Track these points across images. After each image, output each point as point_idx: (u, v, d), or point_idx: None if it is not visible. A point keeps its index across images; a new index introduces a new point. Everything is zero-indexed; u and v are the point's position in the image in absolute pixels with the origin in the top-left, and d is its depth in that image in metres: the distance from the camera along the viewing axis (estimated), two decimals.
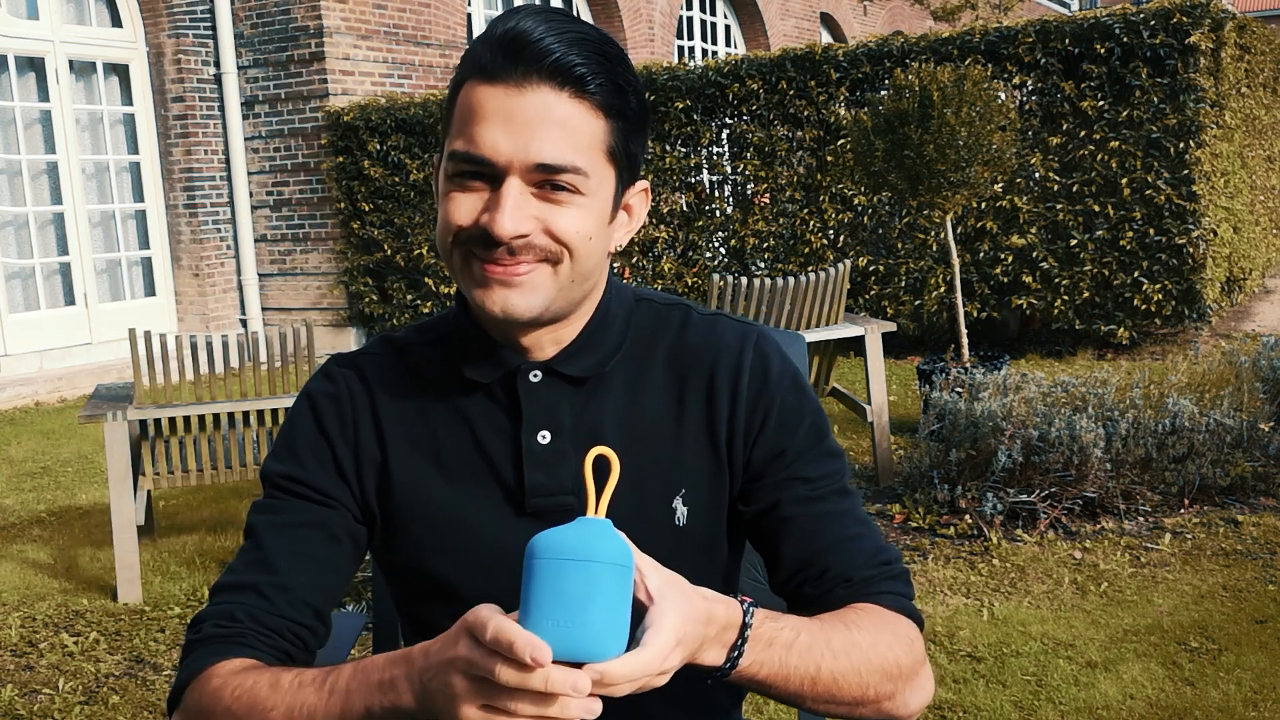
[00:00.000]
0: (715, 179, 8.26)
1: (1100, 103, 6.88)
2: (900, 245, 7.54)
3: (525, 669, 0.80)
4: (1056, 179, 7.05)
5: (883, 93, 6.25)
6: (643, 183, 1.15)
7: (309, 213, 9.14)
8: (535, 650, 0.80)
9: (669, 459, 1.16)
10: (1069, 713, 2.75)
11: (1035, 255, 7.09)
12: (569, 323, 1.14)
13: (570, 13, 1.07)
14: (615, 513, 1.13)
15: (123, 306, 8.87)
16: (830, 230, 7.77)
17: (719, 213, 8.15)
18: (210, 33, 9.00)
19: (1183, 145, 6.69)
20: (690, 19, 13.64)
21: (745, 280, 4.51)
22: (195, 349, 3.96)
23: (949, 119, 4.89)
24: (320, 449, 1.17)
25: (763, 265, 8.02)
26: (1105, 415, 4.07)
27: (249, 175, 9.24)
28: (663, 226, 8.18)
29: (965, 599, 3.47)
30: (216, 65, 9.05)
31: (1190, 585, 3.49)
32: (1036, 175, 7.11)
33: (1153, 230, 6.81)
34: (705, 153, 8.16)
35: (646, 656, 0.85)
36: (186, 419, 3.93)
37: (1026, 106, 7.16)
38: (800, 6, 14.89)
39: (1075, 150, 7.00)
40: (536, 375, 1.14)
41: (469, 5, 10.36)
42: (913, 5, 15.22)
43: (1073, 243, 7.00)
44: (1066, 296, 7.06)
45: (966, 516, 4.05)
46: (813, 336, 4.53)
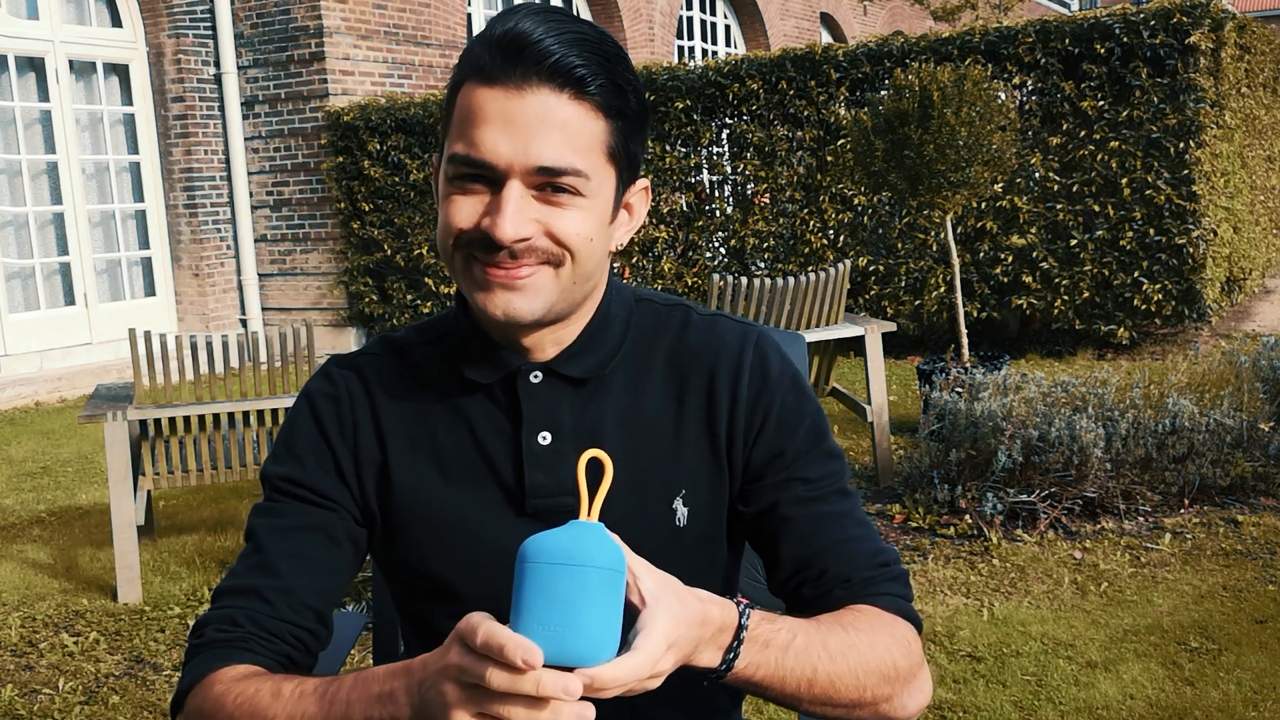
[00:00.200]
0: (715, 179, 8.25)
1: (1100, 103, 6.88)
2: (900, 245, 7.54)
3: (516, 672, 0.80)
4: (1056, 179, 7.05)
5: (883, 93, 6.25)
6: (643, 181, 1.14)
7: (309, 213, 9.14)
8: (526, 653, 0.79)
9: (669, 459, 1.16)
10: (1069, 713, 2.75)
11: (1035, 255, 7.09)
12: (569, 323, 1.14)
13: (570, 12, 1.06)
14: (615, 513, 1.13)
15: (123, 306, 8.87)
16: (830, 230, 7.77)
17: (719, 213, 8.15)
18: (210, 33, 9.00)
19: (1183, 145, 6.69)
20: (690, 19, 13.64)
21: (745, 280, 4.51)
22: (195, 349, 3.96)
23: (949, 119, 4.89)
24: (320, 450, 1.17)
25: (763, 265, 8.02)
26: (1105, 415, 4.07)
27: (249, 175, 9.24)
28: (663, 226, 8.18)
29: (965, 599, 3.47)
30: (216, 65, 9.05)
31: (1190, 585, 3.49)
32: (1036, 175, 7.11)
33: (1153, 230, 6.81)
34: (705, 153, 8.16)
35: (637, 661, 0.84)
36: (186, 419, 3.93)
37: (1026, 106, 7.16)
38: (800, 6, 14.89)
39: (1075, 150, 7.00)
40: (537, 376, 1.14)
41: (469, 5, 10.36)
42: (913, 5, 15.22)
43: (1073, 243, 7.00)
44: (1066, 296, 7.06)
45: (966, 516, 4.05)
46: (813, 336, 4.53)
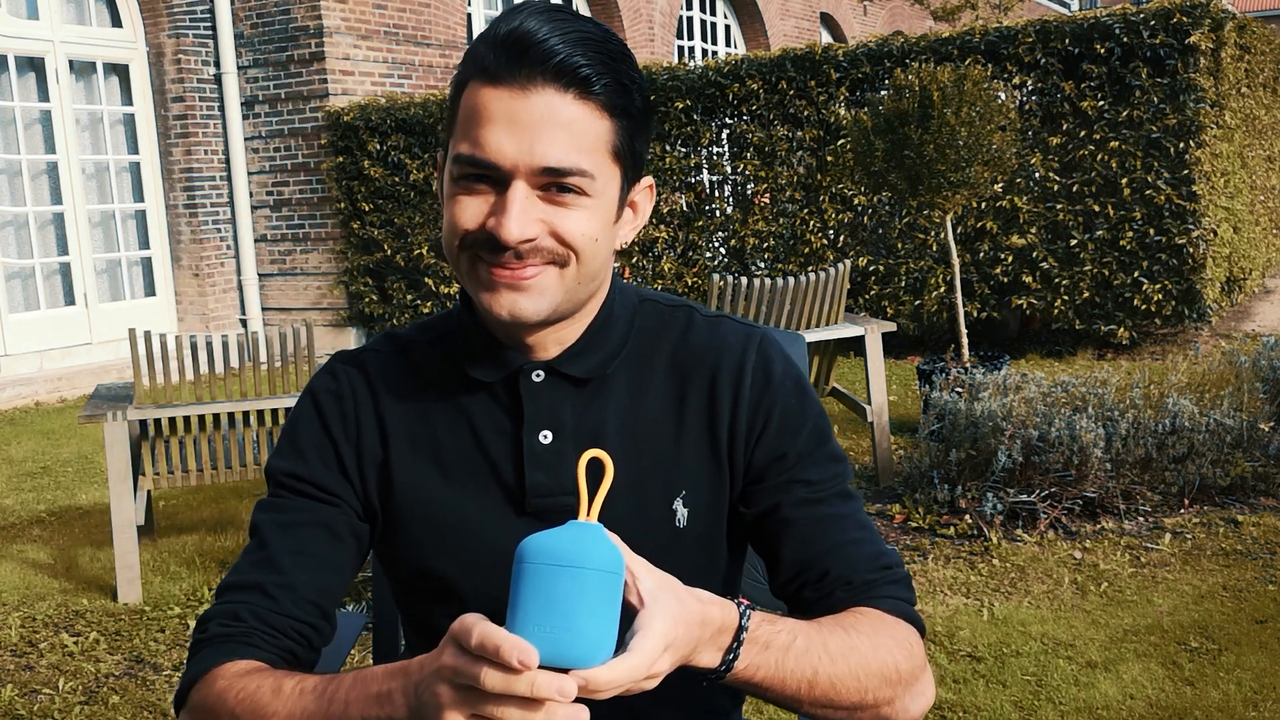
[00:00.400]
0: (715, 179, 8.25)
1: (1100, 103, 6.87)
2: (900, 245, 7.54)
3: (511, 673, 0.79)
4: (1056, 179, 7.05)
5: (883, 93, 6.25)
6: (648, 179, 1.14)
7: (309, 213, 9.14)
8: (522, 653, 0.79)
9: (669, 460, 1.15)
10: (1069, 713, 2.75)
11: (1035, 255, 7.09)
12: (573, 322, 1.14)
13: (574, 11, 1.06)
14: (615, 513, 1.13)
15: (123, 306, 8.87)
16: (830, 230, 7.77)
17: (719, 213, 8.15)
18: (210, 33, 9.00)
19: (1183, 145, 6.69)
20: (690, 19, 13.64)
21: (745, 280, 4.51)
22: (195, 349, 3.96)
23: (949, 119, 4.89)
24: (323, 446, 1.17)
25: (763, 265, 8.02)
26: (1105, 415, 4.07)
27: (249, 175, 9.24)
28: (663, 226, 8.18)
29: (965, 599, 3.47)
30: (216, 65, 9.05)
31: (1190, 585, 3.49)
32: (1036, 175, 7.11)
33: (1153, 230, 6.81)
34: (705, 153, 8.16)
35: (632, 663, 0.84)
36: (186, 419, 3.93)
37: (1026, 106, 7.16)
38: (800, 6, 14.89)
39: (1075, 150, 7.00)
40: (539, 375, 1.14)
41: (469, 5, 10.36)
42: (913, 5, 15.22)
43: (1073, 243, 7.00)
44: (1066, 296, 7.06)
45: (966, 516, 4.05)
46: (813, 336, 4.53)
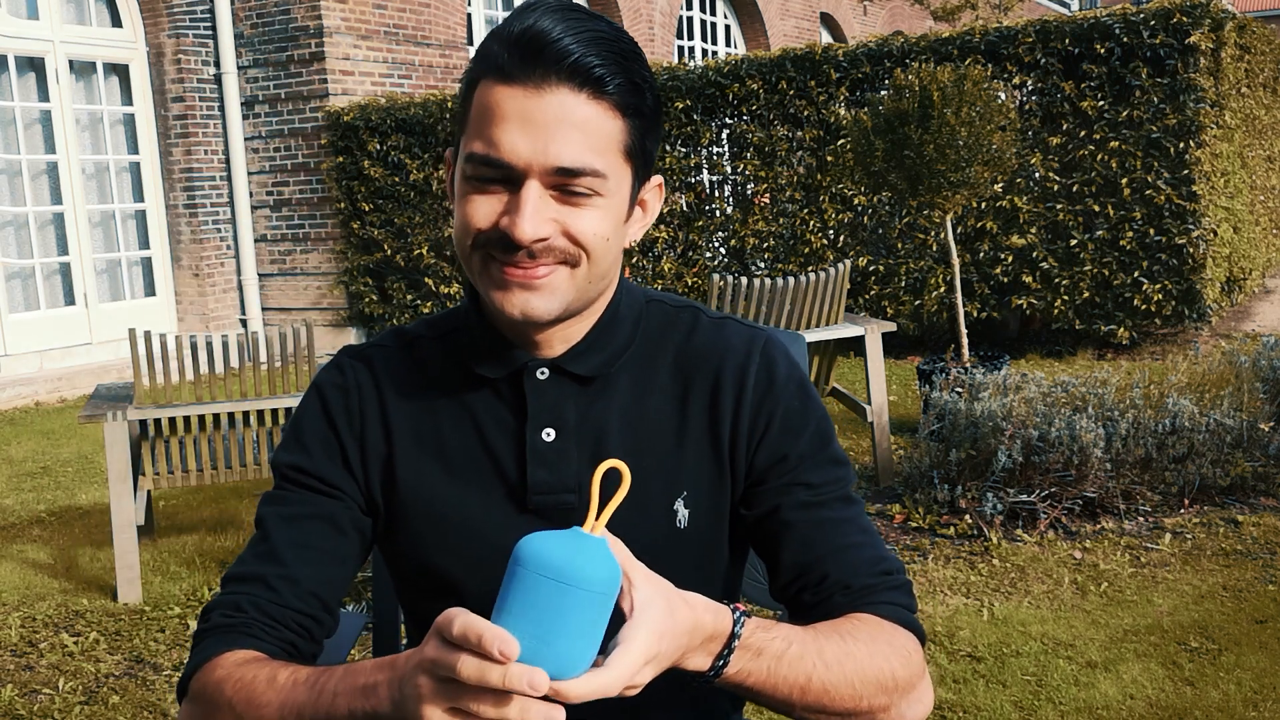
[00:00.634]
0: (715, 179, 8.25)
1: (1100, 103, 6.87)
2: (900, 245, 7.54)
3: (485, 661, 0.79)
4: (1056, 179, 7.05)
5: (883, 93, 6.24)
6: (657, 178, 1.15)
7: (309, 213, 9.14)
8: (503, 644, 0.79)
9: (672, 460, 1.16)
10: (1069, 713, 2.75)
11: (1035, 255, 7.09)
12: (579, 320, 1.14)
13: (585, 8, 1.06)
14: (616, 513, 1.13)
15: (123, 306, 8.87)
16: (830, 230, 7.77)
17: (719, 213, 8.15)
18: (210, 33, 9.00)
19: (1183, 145, 6.69)
20: (690, 19, 13.64)
21: (745, 280, 4.51)
22: (195, 349, 3.96)
23: (949, 119, 4.89)
24: (327, 440, 1.17)
25: (763, 265, 8.02)
26: (1105, 415, 4.07)
27: (249, 175, 9.24)
28: (663, 226, 8.18)
29: (965, 599, 3.47)
30: (216, 65, 9.05)
31: (1190, 585, 3.49)
32: (1036, 175, 7.11)
33: (1153, 230, 6.81)
34: (705, 153, 8.16)
35: (606, 679, 0.83)
36: (186, 419, 3.93)
37: (1026, 106, 7.16)
38: (800, 6, 14.89)
39: (1075, 150, 7.00)
40: (544, 372, 1.14)
41: (469, 5, 10.36)
42: (913, 5, 15.22)
43: (1073, 243, 7.00)
44: (1066, 296, 7.06)
45: (966, 516, 4.05)
46: (813, 336, 4.53)
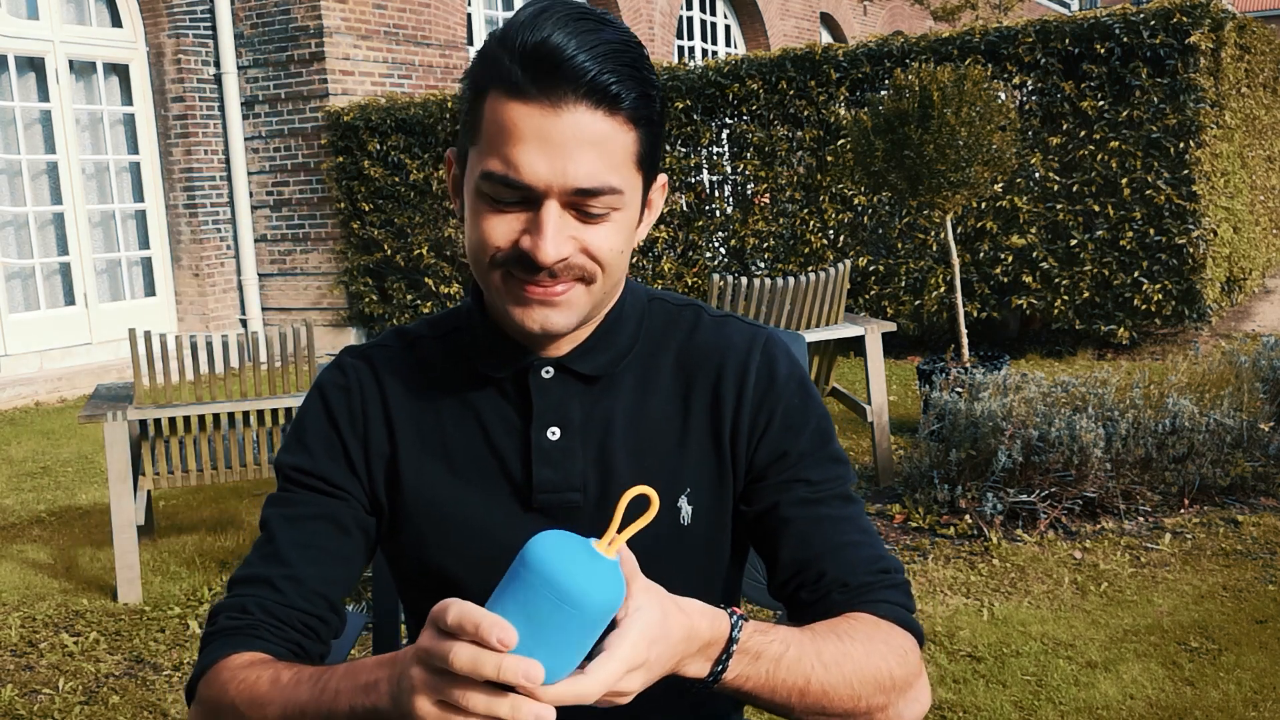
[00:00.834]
0: (715, 179, 8.25)
1: (1100, 103, 6.87)
2: (900, 245, 7.54)
3: (480, 651, 0.78)
4: (1056, 179, 7.05)
5: (883, 93, 6.24)
6: (662, 176, 1.15)
7: (309, 213, 9.14)
8: (502, 632, 0.78)
9: (675, 458, 1.16)
10: (1069, 713, 2.75)
11: (1035, 255, 7.09)
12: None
13: (589, 9, 1.04)
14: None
15: (123, 306, 8.87)
16: (830, 230, 7.77)
17: (719, 213, 8.15)
18: (210, 33, 9.00)
19: (1183, 145, 6.69)
20: (690, 19, 13.64)
21: (745, 280, 4.51)
22: (195, 349, 3.96)
23: (949, 119, 4.89)
24: (330, 441, 1.17)
25: (763, 265, 8.02)
26: (1105, 415, 4.07)
27: (249, 175, 9.24)
28: (663, 226, 8.18)
29: (965, 599, 3.47)
30: (216, 65, 9.05)
31: (1190, 585, 3.49)
32: (1036, 175, 7.11)
33: (1153, 230, 6.81)
34: (705, 153, 8.16)
35: (584, 686, 0.82)
36: (186, 419, 3.93)
37: (1026, 106, 7.16)
38: (800, 6, 14.89)
39: (1075, 150, 7.00)
40: (549, 371, 1.15)
41: (469, 5, 10.36)
42: (913, 5, 15.22)
43: (1073, 243, 7.00)
44: (1066, 296, 7.06)
45: (966, 516, 4.05)
46: (813, 336, 4.53)
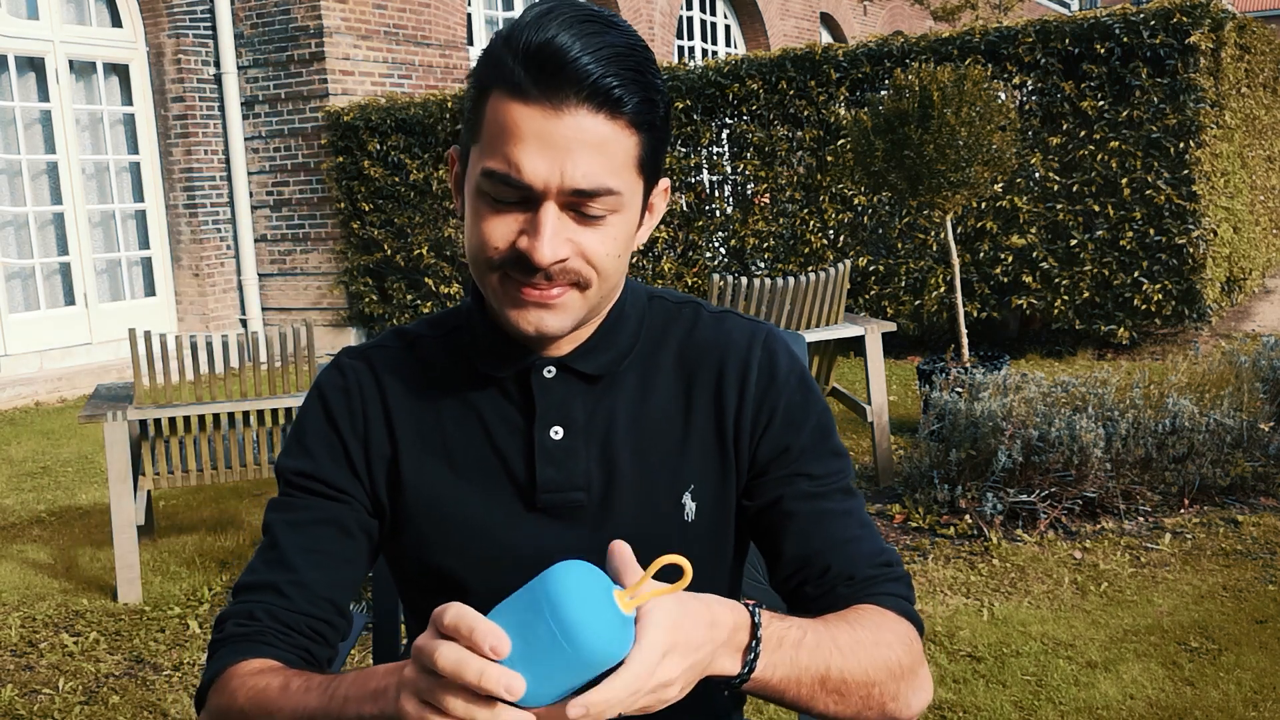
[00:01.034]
0: (715, 179, 8.25)
1: (1100, 103, 6.87)
2: (900, 245, 7.54)
3: (465, 654, 0.79)
4: (1056, 179, 7.05)
5: (883, 93, 6.24)
6: (664, 181, 1.15)
7: (309, 213, 9.14)
8: (495, 640, 0.78)
9: (678, 455, 1.16)
10: (1069, 713, 2.75)
11: (1035, 255, 7.09)
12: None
13: (593, 10, 1.04)
14: (625, 510, 1.14)
15: (123, 306, 8.87)
16: (830, 230, 7.77)
17: (719, 213, 8.15)
18: (210, 33, 9.00)
19: (1183, 145, 6.69)
20: (690, 19, 13.64)
21: (745, 280, 4.51)
22: (195, 349, 3.96)
23: (949, 119, 4.88)
24: (331, 443, 1.17)
25: (763, 265, 8.02)
26: (1105, 415, 4.07)
27: (249, 175, 9.24)
28: (663, 226, 8.18)
29: (965, 599, 3.47)
30: (216, 65, 9.05)
31: (1190, 585, 3.49)
32: (1036, 175, 7.11)
33: (1153, 230, 6.81)
34: (705, 153, 8.16)
35: (627, 678, 0.82)
36: (186, 419, 3.93)
37: (1026, 106, 7.16)
38: (800, 6, 14.89)
39: (1075, 150, 7.00)
40: (551, 371, 1.15)
41: (469, 5, 10.36)
42: (913, 5, 15.22)
43: (1073, 243, 7.00)
44: (1066, 296, 7.06)
45: (966, 516, 4.05)
46: (813, 336, 4.53)
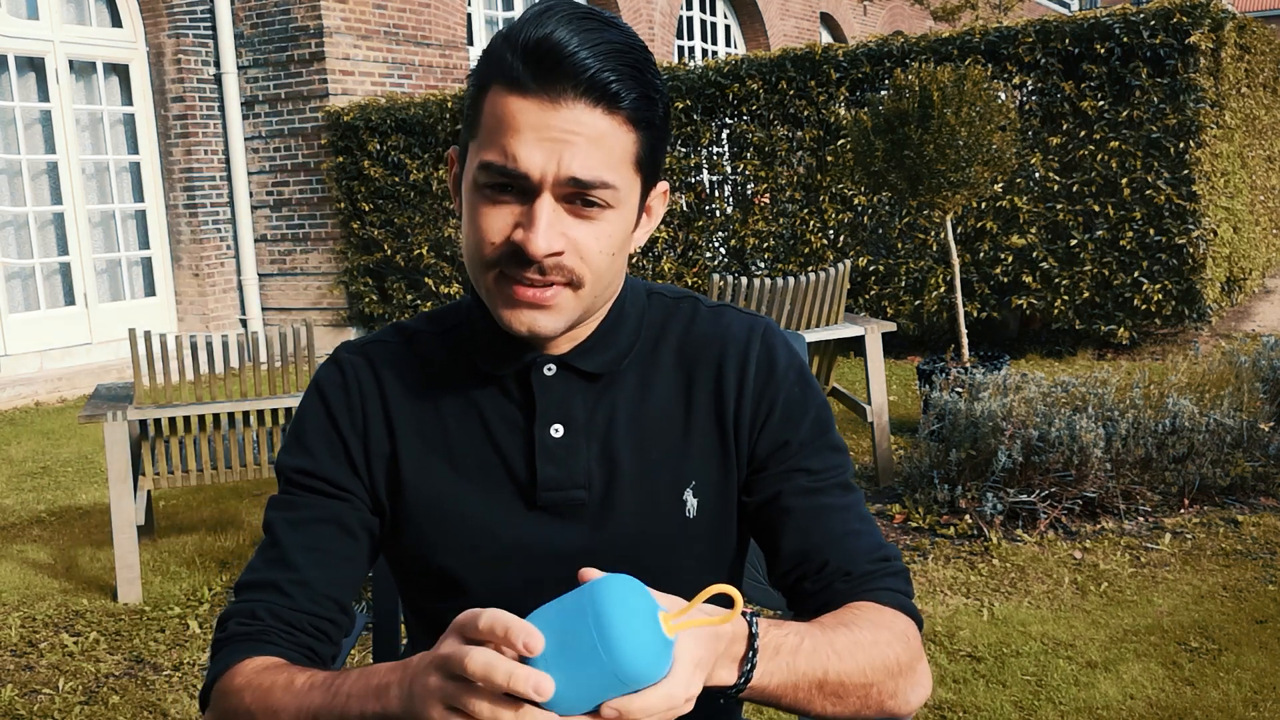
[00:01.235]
0: (715, 179, 8.25)
1: (1100, 103, 6.87)
2: (900, 245, 7.54)
3: (494, 658, 0.79)
4: (1056, 179, 7.05)
5: (883, 93, 6.24)
6: (663, 185, 1.15)
7: (309, 213, 9.14)
8: (529, 638, 0.78)
9: (679, 451, 1.16)
10: (1069, 713, 2.75)
11: (1035, 255, 7.09)
12: (585, 322, 1.15)
13: (594, 9, 1.05)
14: (626, 507, 1.14)
15: (123, 306, 8.87)
16: (830, 230, 7.77)
17: (719, 213, 8.15)
18: (210, 33, 9.00)
19: (1183, 145, 6.69)
20: (690, 19, 13.64)
21: (745, 280, 4.51)
22: (195, 349, 3.96)
23: (949, 119, 4.88)
24: (330, 440, 1.17)
25: (763, 265, 8.02)
26: (1105, 415, 4.07)
27: (249, 175, 9.24)
28: (663, 226, 8.18)
29: (965, 599, 3.47)
30: (216, 65, 9.05)
31: (1190, 585, 3.49)
32: (1036, 175, 7.11)
33: (1153, 230, 6.81)
34: (705, 153, 8.16)
35: (669, 688, 0.83)
36: (186, 419, 3.93)
37: (1026, 106, 7.16)
38: (800, 6, 14.89)
39: (1075, 150, 7.00)
40: (551, 369, 1.15)
41: (469, 5, 10.36)
42: (913, 5, 15.22)
43: (1073, 243, 7.00)
44: (1066, 296, 7.06)
45: (966, 516, 4.05)
46: (813, 336, 4.53)
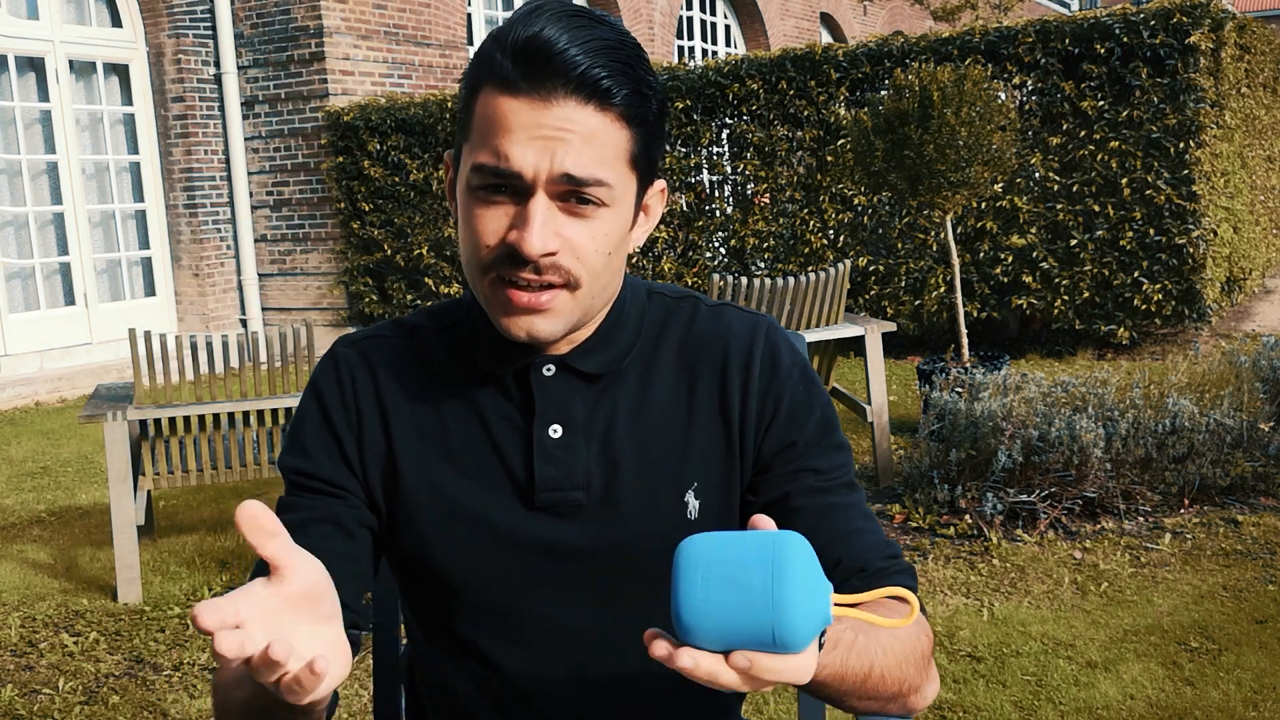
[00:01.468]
0: (715, 179, 8.25)
1: (1100, 103, 6.87)
2: (900, 245, 7.54)
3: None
4: (1056, 179, 7.05)
5: (883, 93, 6.25)
6: (660, 183, 1.15)
7: (309, 213, 9.14)
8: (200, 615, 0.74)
9: (681, 452, 1.15)
10: (1069, 713, 2.75)
11: (1035, 255, 7.09)
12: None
13: (586, 9, 1.05)
14: (628, 508, 1.13)
15: (123, 306, 8.87)
16: (830, 230, 7.77)
17: (719, 213, 8.15)
18: (210, 33, 9.00)
19: (1183, 145, 6.69)
20: (690, 19, 13.64)
21: (745, 280, 4.51)
22: (195, 349, 3.96)
23: (949, 119, 4.88)
24: (326, 438, 1.16)
25: (763, 265, 8.02)
26: (1105, 415, 4.07)
27: (249, 175, 9.24)
28: (663, 226, 8.18)
29: (965, 599, 3.47)
30: (216, 65, 9.05)
31: (1190, 585, 3.49)
32: (1036, 175, 7.11)
33: (1153, 230, 6.81)
34: (705, 153, 8.16)
35: (800, 664, 0.81)
36: (186, 419, 3.93)
37: (1026, 106, 7.16)
38: (800, 6, 14.89)
39: (1075, 150, 7.00)
40: (550, 369, 1.14)
41: (469, 5, 10.36)
42: (913, 5, 15.23)
43: (1073, 243, 7.00)
44: (1066, 296, 7.06)
45: (966, 516, 4.05)
46: (813, 336, 4.53)
